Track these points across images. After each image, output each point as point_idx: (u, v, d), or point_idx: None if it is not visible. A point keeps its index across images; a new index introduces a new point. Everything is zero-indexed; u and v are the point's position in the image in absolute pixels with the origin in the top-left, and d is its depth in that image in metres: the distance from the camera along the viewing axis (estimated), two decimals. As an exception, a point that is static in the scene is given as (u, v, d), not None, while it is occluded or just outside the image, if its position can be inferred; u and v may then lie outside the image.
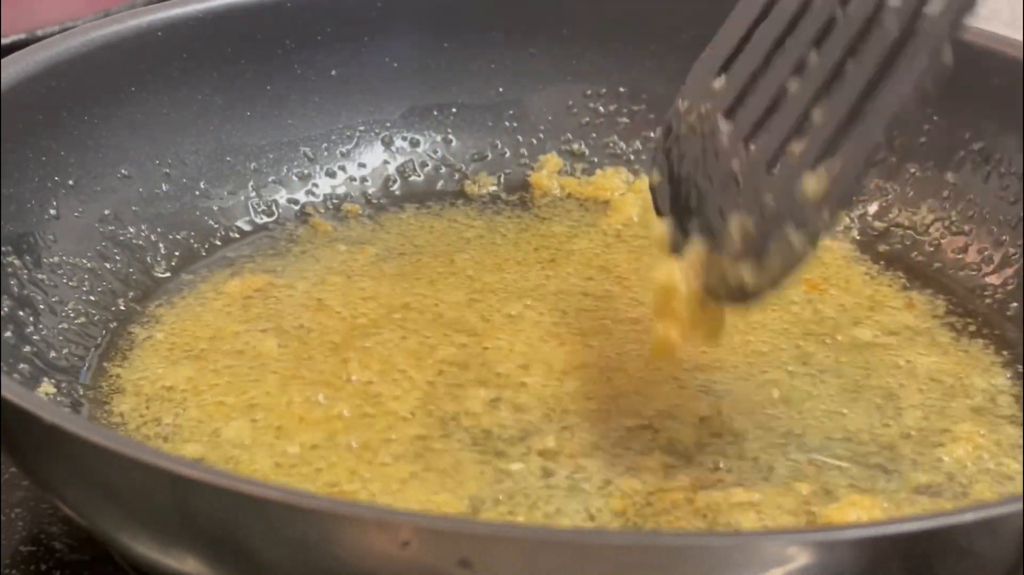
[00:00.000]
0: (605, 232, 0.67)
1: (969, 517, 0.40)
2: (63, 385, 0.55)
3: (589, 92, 0.72)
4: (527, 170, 0.71)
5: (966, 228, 0.65)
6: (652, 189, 0.54)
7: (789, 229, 0.47)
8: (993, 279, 0.64)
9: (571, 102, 0.72)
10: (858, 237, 0.67)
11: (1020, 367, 0.59)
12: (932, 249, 0.66)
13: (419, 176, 0.70)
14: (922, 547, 0.40)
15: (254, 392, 0.55)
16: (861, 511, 0.50)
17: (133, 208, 0.63)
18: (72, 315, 0.58)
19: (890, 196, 0.67)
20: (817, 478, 0.52)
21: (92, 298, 0.60)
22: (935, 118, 0.67)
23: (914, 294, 0.64)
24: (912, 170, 0.67)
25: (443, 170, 0.71)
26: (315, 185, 0.69)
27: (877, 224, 0.67)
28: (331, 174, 0.69)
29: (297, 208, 0.68)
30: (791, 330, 0.61)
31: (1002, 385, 0.58)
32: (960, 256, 0.65)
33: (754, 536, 0.41)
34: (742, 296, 0.49)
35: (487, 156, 0.71)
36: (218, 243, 0.65)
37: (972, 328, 0.62)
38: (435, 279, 0.63)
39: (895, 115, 0.46)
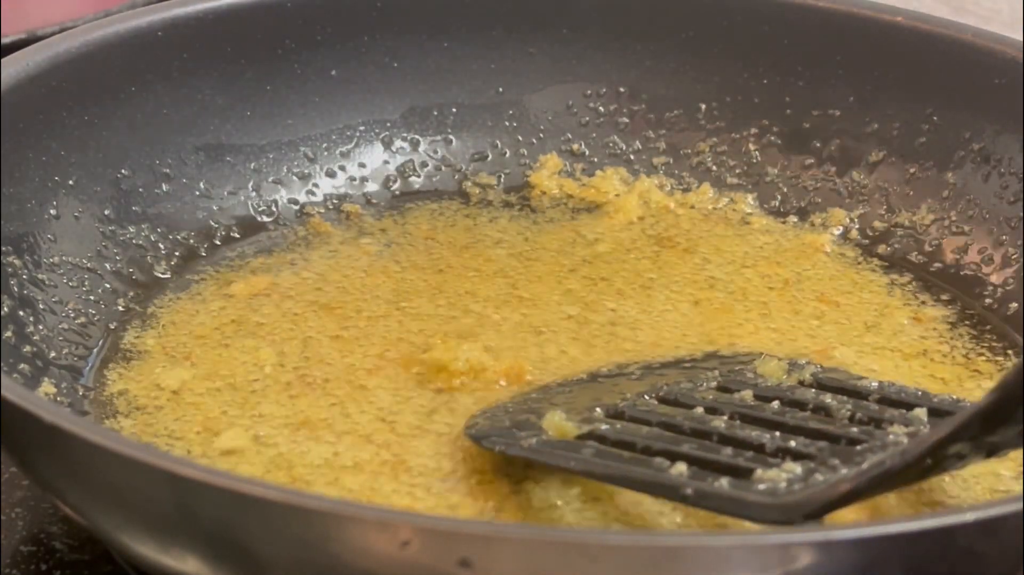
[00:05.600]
0: (605, 232, 0.67)
1: (969, 517, 0.40)
2: (63, 385, 0.55)
3: (589, 92, 0.72)
4: (527, 170, 0.71)
5: (966, 228, 0.65)
6: None
7: None
8: (993, 279, 0.64)
9: (571, 102, 0.72)
10: (858, 238, 0.67)
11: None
12: (932, 249, 0.66)
13: (419, 176, 0.70)
14: (922, 547, 0.40)
15: (253, 398, 0.55)
16: (861, 511, 0.50)
17: (133, 208, 0.63)
18: (72, 315, 0.58)
19: (890, 196, 0.67)
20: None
21: (92, 298, 0.60)
22: (935, 118, 0.67)
23: (914, 294, 0.64)
24: (912, 170, 0.67)
25: (443, 170, 0.71)
26: (315, 185, 0.69)
27: (877, 224, 0.67)
28: (331, 174, 0.69)
29: (297, 208, 0.68)
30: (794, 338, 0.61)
31: (1002, 385, 0.58)
32: (960, 256, 0.65)
33: (754, 536, 0.41)
34: None
35: (487, 156, 0.71)
36: (218, 243, 0.65)
37: (972, 328, 0.62)
38: (436, 279, 0.63)
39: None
